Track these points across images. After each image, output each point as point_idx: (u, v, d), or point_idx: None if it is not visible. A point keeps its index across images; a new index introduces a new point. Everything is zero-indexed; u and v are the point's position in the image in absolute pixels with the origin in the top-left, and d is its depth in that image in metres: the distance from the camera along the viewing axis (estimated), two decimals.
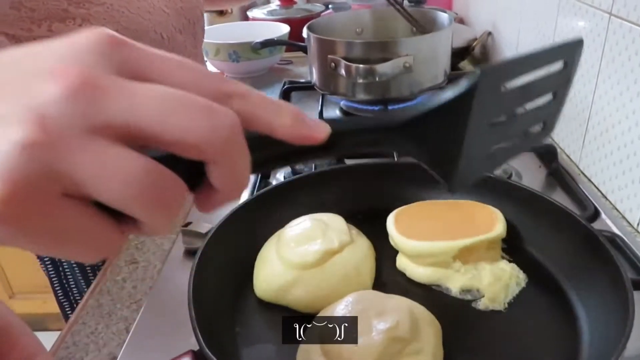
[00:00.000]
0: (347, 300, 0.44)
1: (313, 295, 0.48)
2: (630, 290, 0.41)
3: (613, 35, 0.65)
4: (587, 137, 0.73)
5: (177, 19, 0.82)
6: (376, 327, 0.40)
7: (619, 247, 0.57)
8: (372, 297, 0.45)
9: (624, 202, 0.64)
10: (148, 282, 0.59)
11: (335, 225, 0.52)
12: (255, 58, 1.15)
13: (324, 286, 0.48)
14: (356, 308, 0.42)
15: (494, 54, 1.13)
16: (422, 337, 0.41)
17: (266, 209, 0.57)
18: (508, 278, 0.49)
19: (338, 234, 0.51)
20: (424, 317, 0.43)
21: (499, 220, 0.52)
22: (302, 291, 0.48)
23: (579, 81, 0.75)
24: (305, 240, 0.50)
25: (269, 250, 0.52)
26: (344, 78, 0.85)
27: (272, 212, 0.57)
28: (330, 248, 0.49)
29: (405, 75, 0.84)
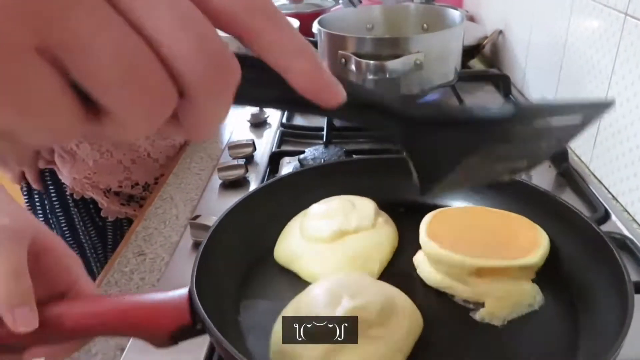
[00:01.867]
0: (332, 279, 0.44)
1: (319, 269, 0.49)
2: (631, 290, 0.40)
3: (628, 35, 0.64)
4: (598, 138, 0.73)
5: None
6: (344, 303, 0.40)
7: (630, 249, 0.57)
8: (358, 279, 0.44)
9: (635, 204, 0.64)
10: (156, 275, 0.59)
11: (361, 208, 0.53)
12: None
13: (329, 263, 0.49)
14: (334, 286, 0.42)
15: (505, 53, 1.13)
16: (390, 326, 0.40)
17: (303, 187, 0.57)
18: (519, 296, 0.45)
19: (360, 217, 0.52)
20: (405, 309, 0.42)
21: (540, 248, 0.46)
22: (309, 263, 0.50)
23: (591, 82, 0.74)
24: (326, 216, 0.52)
25: (295, 220, 0.55)
26: (354, 74, 0.85)
27: (306, 192, 0.57)
28: (346, 228, 0.51)
29: (416, 72, 0.83)
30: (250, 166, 0.76)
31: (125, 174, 0.83)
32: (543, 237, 0.47)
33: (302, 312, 0.41)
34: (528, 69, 1.00)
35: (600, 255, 0.45)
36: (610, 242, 0.45)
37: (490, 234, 0.48)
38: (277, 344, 0.40)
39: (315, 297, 0.42)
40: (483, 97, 1.01)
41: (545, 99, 0.92)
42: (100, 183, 0.82)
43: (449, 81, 0.89)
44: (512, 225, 0.49)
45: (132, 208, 0.85)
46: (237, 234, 0.51)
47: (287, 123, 0.90)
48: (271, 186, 0.57)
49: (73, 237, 0.86)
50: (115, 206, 0.84)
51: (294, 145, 0.85)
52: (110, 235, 0.86)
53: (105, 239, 0.86)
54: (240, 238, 0.51)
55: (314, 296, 0.42)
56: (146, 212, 0.71)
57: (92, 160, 0.80)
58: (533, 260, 0.45)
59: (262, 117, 0.91)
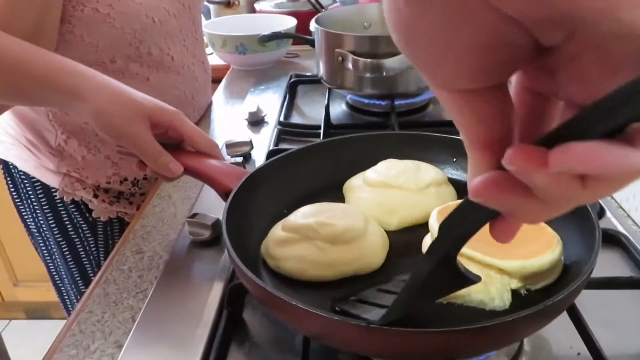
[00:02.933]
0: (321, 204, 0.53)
1: (353, 201, 0.58)
2: (592, 211, 0.45)
3: None
4: None
5: (171, 3, 0.83)
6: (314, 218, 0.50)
7: (624, 245, 0.57)
8: (344, 207, 0.53)
9: (630, 200, 0.64)
10: (154, 272, 0.59)
11: (420, 174, 0.57)
12: (262, 51, 1.15)
13: (361, 201, 0.57)
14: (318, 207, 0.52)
15: None
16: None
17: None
18: (476, 291, 0.43)
19: (410, 179, 0.56)
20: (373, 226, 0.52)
21: (544, 255, 0.44)
22: (352, 196, 0.58)
23: None
24: (388, 169, 0.58)
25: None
26: (351, 72, 0.85)
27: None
28: (390, 182, 0.56)
29: (413, 70, 0.84)
30: (248, 165, 0.77)
31: (114, 169, 0.83)
32: (553, 244, 0.45)
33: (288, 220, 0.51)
34: None
35: None
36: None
37: None
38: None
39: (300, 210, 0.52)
40: None
41: None
42: (88, 179, 0.82)
43: None
44: (526, 231, 0.47)
45: (122, 205, 0.85)
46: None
47: (284, 121, 0.90)
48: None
49: (65, 239, 0.87)
50: (106, 204, 0.84)
51: (291, 144, 0.85)
52: (102, 237, 0.87)
53: (96, 241, 0.87)
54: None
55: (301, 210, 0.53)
56: (144, 211, 0.71)
57: (80, 156, 0.81)
58: (532, 266, 0.43)
59: (259, 115, 0.91)
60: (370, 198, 0.56)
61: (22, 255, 1.84)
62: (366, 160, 0.61)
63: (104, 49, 0.75)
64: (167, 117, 0.60)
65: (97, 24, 0.73)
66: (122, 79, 0.78)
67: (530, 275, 0.43)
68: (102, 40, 0.74)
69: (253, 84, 1.12)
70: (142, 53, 0.79)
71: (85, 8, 0.71)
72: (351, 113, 0.96)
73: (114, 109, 0.57)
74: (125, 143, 0.58)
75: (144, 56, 0.80)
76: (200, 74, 0.93)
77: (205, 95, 0.98)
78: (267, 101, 1.02)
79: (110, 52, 0.76)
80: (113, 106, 0.57)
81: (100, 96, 0.57)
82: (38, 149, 0.82)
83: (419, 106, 0.95)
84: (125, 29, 0.75)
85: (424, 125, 0.89)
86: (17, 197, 0.89)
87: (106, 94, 0.58)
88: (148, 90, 0.82)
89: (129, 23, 0.75)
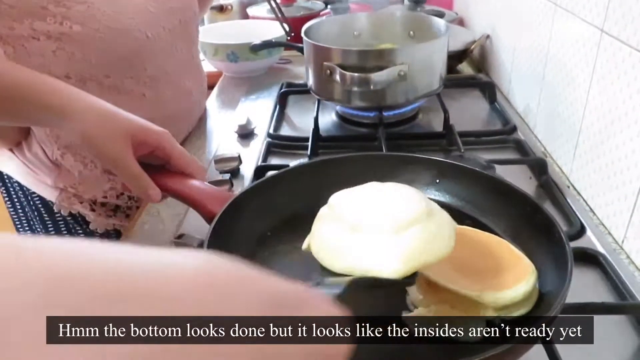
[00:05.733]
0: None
1: None
2: (566, 239, 0.46)
3: (604, 52, 0.65)
4: (577, 150, 0.74)
5: (167, 19, 0.83)
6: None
7: (602, 265, 0.58)
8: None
9: (611, 218, 0.65)
10: None
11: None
12: (254, 59, 1.16)
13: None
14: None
15: (492, 58, 1.13)
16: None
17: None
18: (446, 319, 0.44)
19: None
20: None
21: (518, 285, 0.44)
22: None
23: (570, 94, 0.75)
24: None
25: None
26: (339, 85, 0.86)
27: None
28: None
29: (401, 83, 0.84)
30: (236, 180, 0.77)
31: (110, 184, 0.84)
32: (527, 279, 0.45)
33: None
34: (514, 75, 1.01)
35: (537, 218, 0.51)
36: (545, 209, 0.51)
37: (474, 260, 0.48)
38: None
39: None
40: (469, 103, 1.02)
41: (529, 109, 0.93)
42: (85, 194, 0.83)
43: (434, 90, 0.90)
44: (502, 261, 0.48)
45: (119, 219, 0.86)
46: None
47: (273, 133, 0.91)
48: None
49: None
50: (103, 217, 0.85)
51: (281, 157, 0.86)
52: None
53: None
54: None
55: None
56: (133, 228, 0.72)
57: (77, 171, 0.82)
58: (483, 297, 0.43)
59: (249, 128, 0.92)
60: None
61: None
62: (349, 182, 0.62)
63: (97, 64, 0.76)
64: (153, 137, 0.60)
65: (88, 40, 0.73)
66: (118, 95, 0.80)
67: (504, 306, 0.44)
68: (95, 57, 0.75)
69: (245, 92, 1.13)
70: (136, 69, 0.80)
71: (74, 25, 0.72)
72: (341, 124, 0.97)
73: (96, 129, 0.58)
74: (106, 164, 0.59)
75: (139, 72, 0.80)
76: (196, 88, 0.94)
77: (200, 108, 0.99)
78: (258, 111, 1.03)
79: (104, 68, 0.76)
80: (96, 126, 0.58)
81: (85, 116, 0.58)
82: (35, 165, 0.83)
83: (407, 117, 0.96)
84: (117, 45, 0.76)
85: (413, 137, 0.90)
86: (11, 208, 0.91)
87: (92, 114, 0.58)
88: (144, 106, 0.84)
89: (121, 39, 0.76)
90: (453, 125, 0.85)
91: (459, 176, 0.62)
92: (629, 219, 0.61)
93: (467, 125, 0.88)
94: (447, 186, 0.63)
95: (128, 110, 0.68)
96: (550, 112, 0.84)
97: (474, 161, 0.74)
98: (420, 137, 0.90)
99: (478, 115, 0.98)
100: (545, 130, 0.87)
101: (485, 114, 0.98)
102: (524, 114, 0.96)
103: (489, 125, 0.94)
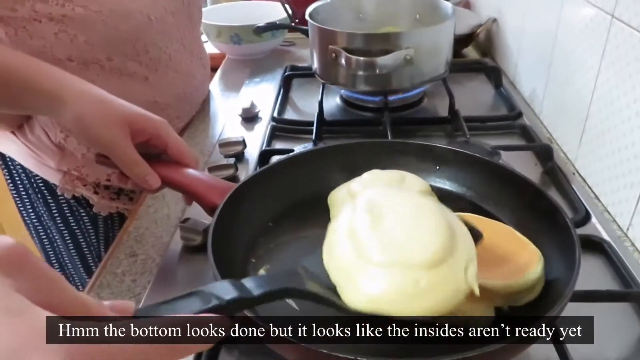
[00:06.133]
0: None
1: None
2: (571, 225, 0.46)
3: (614, 38, 0.64)
4: (584, 137, 0.73)
5: (170, 1, 0.82)
6: None
7: (607, 253, 0.58)
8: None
9: (616, 205, 0.65)
10: (147, 276, 0.60)
11: (408, 180, 0.57)
12: (257, 41, 1.15)
13: None
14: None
15: (498, 42, 1.12)
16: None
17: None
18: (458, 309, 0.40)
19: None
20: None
21: (527, 273, 0.44)
22: None
23: (578, 81, 0.75)
24: (375, 182, 0.56)
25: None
26: (344, 69, 0.85)
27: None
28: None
29: (406, 67, 0.83)
30: (241, 164, 0.77)
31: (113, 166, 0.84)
32: (533, 266, 0.45)
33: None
34: (520, 60, 1.00)
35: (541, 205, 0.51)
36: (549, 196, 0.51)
37: (481, 247, 0.45)
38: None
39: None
40: (474, 88, 1.01)
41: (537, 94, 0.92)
42: (89, 176, 0.83)
43: (440, 74, 0.89)
44: (509, 248, 0.48)
45: (122, 202, 0.86)
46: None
47: (278, 117, 0.91)
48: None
49: (67, 228, 0.88)
50: (106, 200, 0.85)
51: (285, 140, 0.86)
52: (102, 230, 0.88)
53: (97, 233, 0.88)
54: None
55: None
56: (138, 211, 0.72)
57: (80, 154, 0.81)
58: (493, 285, 0.43)
59: (253, 112, 0.91)
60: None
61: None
62: (350, 170, 0.61)
63: (100, 47, 0.75)
64: (151, 125, 0.59)
65: (90, 22, 0.72)
66: (120, 77, 0.79)
67: (514, 294, 0.44)
68: (97, 39, 0.74)
69: (248, 75, 1.12)
70: (139, 51, 0.79)
71: (77, 7, 0.71)
72: (345, 107, 0.96)
73: (94, 114, 0.57)
74: (103, 150, 0.58)
75: (141, 54, 0.80)
76: (199, 70, 0.93)
77: (203, 90, 0.98)
78: (261, 94, 1.02)
79: (106, 51, 0.76)
80: (92, 111, 0.57)
81: (82, 101, 0.57)
82: (38, 147, 0.82)
83: (413, 101, 0.95)
84: (120, 27, 0.75)
85: (418, 122, 0.90)
86: (13, 190, 0.91)
87: (87, 99, 0.58)
88: (147, 89, 0.83)
89: (123, 21, 0.75)
90: (459, 111, 0.84)
91: (460, 163, 0.61)
92: (635, 206, 0.61)
93: (472, 111, 0.88)
94: (449, 173, 0.62)
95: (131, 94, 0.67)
96: (557, 98, 0.83)
97: (479, 147, 0.74)
98: (426, 122, 0.90)
99: (483, 100, 0.97)
100: (551, 116, 0.86)
101: (491, 99, 0.97)
102: (530, 100, 0.95)
103: (494, 111, 0.93)
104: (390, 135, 0.79)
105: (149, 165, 0.58)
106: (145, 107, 0.61)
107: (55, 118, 0.59)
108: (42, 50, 0.71)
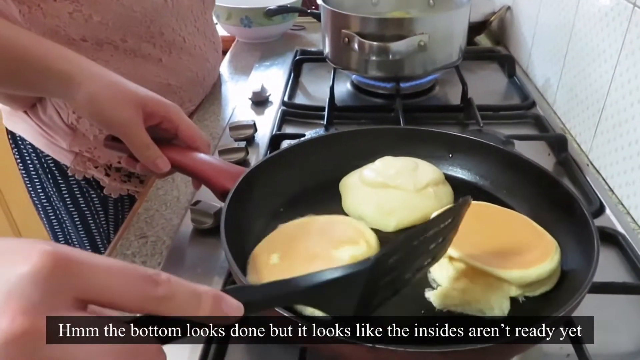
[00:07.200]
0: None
1: (349, 202, 0.58)
2: (589, 215, 0.46)
3: (635, 27, 0.63)
4: (599, 128, 0.73)
5: None
6: None
7: (621, 245, 0.58)
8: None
9: (631, 198, 0.64)
10: (157, 258, 0.60)
11: (419, 173, 0.57)
12: (268, 24, 1.13)
13: (359, 200, 0.57)
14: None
15: (512, 31, 1.11)
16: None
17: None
18: (475, 299, 0.44)
19: (409, 179, 0.56)
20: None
21: (543, 263, 0.44)
22: (349, 196, 0.59)
23: (595, 70, 0.74)
24: (385, 168, 0.58)
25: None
26: (356, 53, 0.84)
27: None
28: (388, 182, 0.56)
29: (420, 53, 0.82)
30: (251, 148, 0.77)
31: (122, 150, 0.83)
32: (550, 254, 0.45)
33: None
34: (534, 49, 0.99)
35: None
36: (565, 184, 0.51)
37: (497, 237, 0.48)
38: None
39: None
40: (486, 76, 1.00)
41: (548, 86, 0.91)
42: (100, 158, 0.83)
43: (453, 61, 0.88)
44: (525, 238, 0.48)
45: (133, 184, 0.86)
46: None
47: (288, 102, 0.90)
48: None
49: (77, 210, 0.88)
50: (117, 183, 0.85)
51: (295, 126, 0.85)
52: (112, 212, 0.88)
53: (107, 215, 0.88)
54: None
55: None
56: (148, 193, 0.72)
57: (92, 136, 0.81)
58: (508, 275, 0.44)
59: (263, 95, 0.91)
60: (367, 198, 0.56)
61: (31, 225, 1.87)
62: (362, 156, 0.61)
63: (114, 27, 0.74)
64: (163, 108, 0.59)
65: (105, 3, 0.71)
66: (134, 59, 0.78)
67: (529, 284, 0.44)
68: (112, 19, 0.73)
69: (258, 59, 1.11)
70: (153, 33, 0.78)
71: None
72: (356, 93, 0.95)
73: (107, 95, 0.56)
74: (115, 131, 0.58)
75: (155, 36, 0.79)
76: (212, 54, 0.92)
77: (214, 73, 0.97)
78: (272, 78, 1.01)
79: (121, 31, 0.75)
80: (106, 93, 0.56)
81: (94, 82, 0.57)
82: (50, 128, 0.82)
83: (424, 88, 0.94)
84: (134, 8, 0.74)
85: (429, 110, 0.89)
86: (23, 170, 0.90)
87: (100, 80, 0.57)
88: (161, 72, 0.82)
89: (138, 2, 0.74)
90: (472, 99, 0.83)
91: (474, 151, 0.61)
92: None
93: (484, 99, 0.87)
94: (462, 161, 0.62)
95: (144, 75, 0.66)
96: (572, 88, 0.82)
97: (493, 136, 0.73)
98: (438, 110, 0.89)
99: (495, 89, 0.96)
100: (565, 107, 0.85)
101: (503, 88, 0.96)
102: (543, 90, 0.94)
103: (507, 100, 0.92)
104: (403, 122, 0.78)
105: (161, 148, 0.57)
106: (158, 89, 0.61)
107: (68, 100, 0.58)
108: (55, 29, 0.70)
